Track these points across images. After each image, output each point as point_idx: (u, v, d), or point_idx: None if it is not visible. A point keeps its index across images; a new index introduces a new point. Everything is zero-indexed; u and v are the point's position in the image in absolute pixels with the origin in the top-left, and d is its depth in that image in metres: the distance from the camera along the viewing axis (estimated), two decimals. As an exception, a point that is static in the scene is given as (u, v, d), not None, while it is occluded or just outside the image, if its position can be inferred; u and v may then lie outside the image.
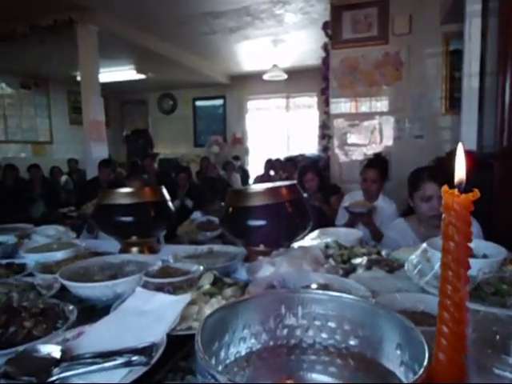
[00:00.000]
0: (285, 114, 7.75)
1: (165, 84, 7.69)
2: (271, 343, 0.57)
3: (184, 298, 0.73)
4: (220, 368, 0.49)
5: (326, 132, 4.00)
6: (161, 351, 0.60)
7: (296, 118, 7.69)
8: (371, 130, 3.74)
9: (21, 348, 0.64)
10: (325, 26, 3.81)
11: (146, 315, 0.73)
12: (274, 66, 6.02)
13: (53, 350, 0.62)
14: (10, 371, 0.57)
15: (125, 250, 1.33)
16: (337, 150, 3.84)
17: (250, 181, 6.68)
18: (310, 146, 7.22)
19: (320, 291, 0.60)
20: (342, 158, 3.82)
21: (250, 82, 7.53)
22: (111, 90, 7.23)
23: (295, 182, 1.23)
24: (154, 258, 1.06)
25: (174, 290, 0.83)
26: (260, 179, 5.85)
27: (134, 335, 0.68)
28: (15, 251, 1.32)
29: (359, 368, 0.52)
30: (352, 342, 0.53)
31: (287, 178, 5.14)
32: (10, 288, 0.90)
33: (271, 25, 4.85)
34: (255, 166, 7.38)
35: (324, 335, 0.57)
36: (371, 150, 3.67)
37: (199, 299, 0.76)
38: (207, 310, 0.73)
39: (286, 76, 6.20)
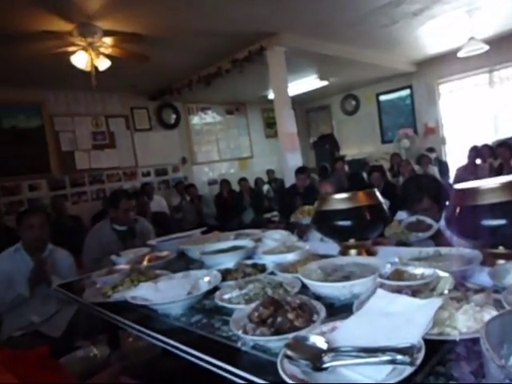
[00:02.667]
0: (488, 91, 6.61)
1: (346, 85, 7.73)
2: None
3: (434, 303, 0.72)
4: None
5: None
6: (422, 353, 0.62)
7: (503, 93, 6.45)
8: None
9: (290, 336, 0.77)
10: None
11: (393, 316, 0.75)
12: (471, 38, 5.23)
13: (318, 340, 0.72)
14: (291, 354, 0.69)
15: (344, 252, 1.41)
16: None
17: (450, 173, 5.98)
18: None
19: None
20: None
21: (439, 64, 6.77)
22: (296, 101, 7.76)
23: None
24: (381, 260, 1.08)
25: (413, 293, 0.83)
26: (464, 170, 5.17)
27: (384, 335, 0.72)
28: (253, 253, 1.58)
29: None
30: None
31: (500, 167, 4.37)
32: (264, 284, 1.08)
33: (464, -6, 4.25)
34: (455, 157, 6.55)
35: None
36: None
37: (448, 304, 0.74)
38: (461, 316, 0.70)
39: (487, 47, 5.30)
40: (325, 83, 6.94)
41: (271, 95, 6.26)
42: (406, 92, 7.50)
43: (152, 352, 1.44)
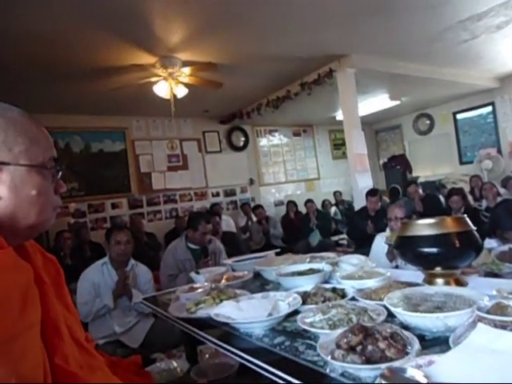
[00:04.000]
0: None
1: (419, 104, 7.42)
2: None
3: (552, 343, 0.65)
4: None
5: None
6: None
7: None
8: None
9: (383, 366, 0.74)
10: None
11: (499, 354, 0.69)
12: None
13: (416, 374, 0.69)
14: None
15: (429, 280, 1.33)
16: None
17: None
18: None
19: None
20: None
21: (526, 79, 6.24)
22: (364, 122, 7.59)
23: None
24: (477, 292, 1.01)
25: (521, 330, 0.76)
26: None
27: (490, 373, 0.66)
28: (330, 277, 1.55)
29: None
30: None
31: None
32: (347, 310, 1.06)
33: (555, 3, 3.92)
34: (548, 178, 5.89)
35: None
36: None
37: None
38: None
39: None
40: (396, 103, 6.73)
41: (339, 116, 6.22)
42: (488, 109, 6.98)
43: (229, 370, 1.46)
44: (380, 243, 2.48)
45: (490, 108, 6.94)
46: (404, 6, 3.62)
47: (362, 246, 4.01)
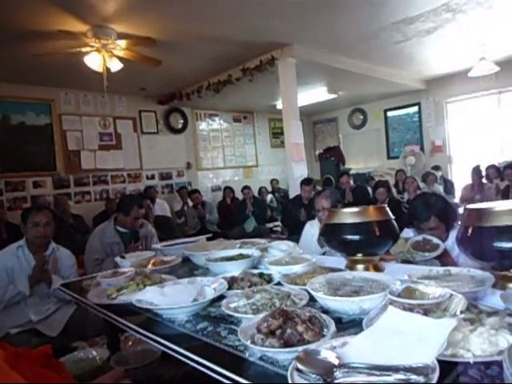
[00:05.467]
0: (496, 113, 6.63)
1: (355, 99, 7.77)
2: None
3: (449, 323, 0.71)
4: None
5: None
6: (437, 374, 0.61)
7: (511, 115, 6.46)
8: None
9: (300, 349, 0.76)
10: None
11: (406, 335, 0.74)
12: (482, 59, 5.27)
13: (329, 355, 0.71)
14: (302, 368, 0.68)
15: (351, 266, 1.40)
16: None
17: (456, 193, 5.97)
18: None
19: None
20: None
21: (449, 83, 6.81)
22: (303, 113, 7.78)
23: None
24: (390, 277, 1.08)
25: (425, 312, 0.82)
26: (470, 190, 5.16)
27: (397, 353, 0.70)
28: (259, 262, 1.57)
29: None
30: None
31: (507, 189, 4.36)
32: (271, 295, 1.07)
33: (477, 15, 4.28)
34: (461, 176, 6.54)
35: None
36: None
37: (461, 326, 0.73)
38: (475, 339, 0.69)
39: (498, 68, 5.33)
40: (333, 96, 6.97)
41: (279, 105, 6.28)
42: (414, 109, 7.52)
43: (151, 357, 1.42)
44: (309, 230, 2.57)
45: (416, 108, 7.49)
46: (346, 2, 3.72)
47: (294, 232, 4.13)
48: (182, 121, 7.09)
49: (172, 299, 1.13)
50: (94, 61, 3.87)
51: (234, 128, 7.94)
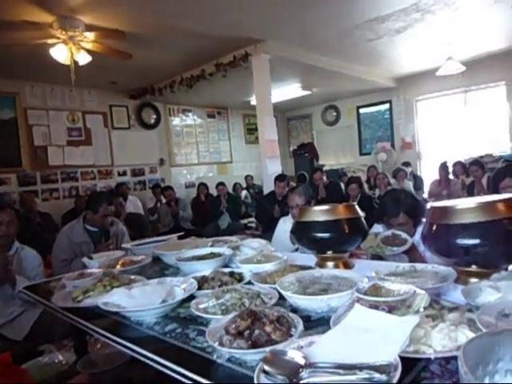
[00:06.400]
0: (462, 111, 6.87)
1: (328, 96, 7.85)
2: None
3: (412, 320, 0.73)
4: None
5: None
6: (399, 372, 0.62)
7: (476, 113, 6.72)
8: None
9: (267, 349, 0.76)
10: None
11: (371, 332, 0.75)
12: (449, 59, 5.44)
13: (295, 355, 0.71)
14: (268, 369, 0.68)
15: (321, 263, 1.41)
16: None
17: (425, 188, 6.15)
18: (497, 145, 6.21)
19: None
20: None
21: (418, 82, 7.00)
22: (277, 109, 7.81)
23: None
24: (358, 274, 1.09)
25: (390, 309, 0.84)
26: (437, 185, 5.34)
27: (362, 351, 0.71)
28: (231, 261, 1.56)
29: None
30: None
31: (472, 184, 4.53)
32: (241, 295, 1.07)
33: (444, 16, 4.41)
34: (430, 172, 6.75)
35: None
36: None
37: (423, 322, 0.74)
38: (436, 335, 0.71)
39: (464, 68, 5.51)
40: (307, 93, 7.02)
41: (254, 101, 6.26)
42: (386, 106, 7.69)
43: (120, 359, 1.39)
44: (283, 227, 2.58)
45: (387, 105, 7.66)
46: (320, -2, 3.74)
47: (269, 229, 4.14)
48: (154, 116, 6.96)
49: (140, 301, 1.10)
50: (60, 53, 3.72)
51: (208, 124, 7.86)
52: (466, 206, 1.03)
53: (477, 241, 1.00)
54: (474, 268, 1.06)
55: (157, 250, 1.71)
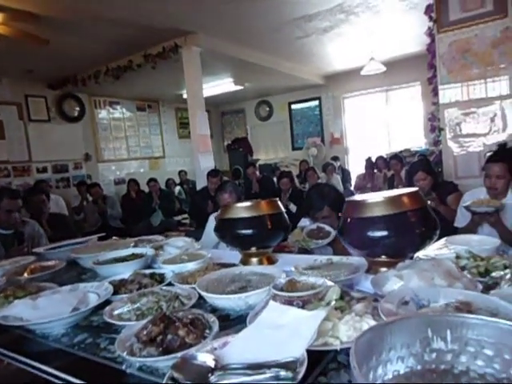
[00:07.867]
0: (384, 109, 7.36)
1: (261, 91, 7.94)
2: (419, 367, 0.56)
3: (319, 314, 0.74)
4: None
5: (435, 124, 3.70)
6: (304, 367, 0.63)
7: (397, 111, 7.25)
8: (491, 117, 3.34)
9: (179, 354, 0.73)
10: (428, 10, 3.53)
11: (282, 329, 0.76)
12: (372, 59, 5.78)
13: (206, 358, 0.69)
14: (176, 376, 0.66)
15: (245, 260, 1.41)
16: (450, 143, 3.50)
17: (352, 181, 6.51)
18: (414, 141, 6.76)
19: (471, 315, 0.56)
20: (457, 151, 3.47)
21: (345, 80, 7.35)
22: (211, 103, 7.73)
23: (417, 189, 1.16)
24: (278, 270, 1.10)
25: (304, 304, 0.86)
26: (363, 179, 5.66)
27: (273, 348, 0.72)
28: (153, 261, 1.50)
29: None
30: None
31: (392, 177, 4.87)
32: (158, 298, 1.02)
33: (367, 18, 4.66)
34: (356, 166, 7.16)
35: (480, 362, 0.54)
36: (492, 140, 3.27)
37: (332, 315, 0.77)
38: (343, 326, 0.73)
39: (384, 68, 5.90)
40: (240, 87, 7.03)
41: (186, 94, 6.13)
42: (315, 103, 7.97)
43: (27, 377, 1.27)
44: (213, 223, 2.54)
45: (317, 102, 7.95)
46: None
47: (202, 225, 4.08)
48: (78, 108, 6.50)
49: (46, 311, 1.01)
50: (-40, 35, 3.30)
51: (138, 117, 7.54)
52: (374, 200, 1.08)
53: (385, 233, 1.06)
54: (383, 258, 1.12)
55: (74, 254, 1.59)
